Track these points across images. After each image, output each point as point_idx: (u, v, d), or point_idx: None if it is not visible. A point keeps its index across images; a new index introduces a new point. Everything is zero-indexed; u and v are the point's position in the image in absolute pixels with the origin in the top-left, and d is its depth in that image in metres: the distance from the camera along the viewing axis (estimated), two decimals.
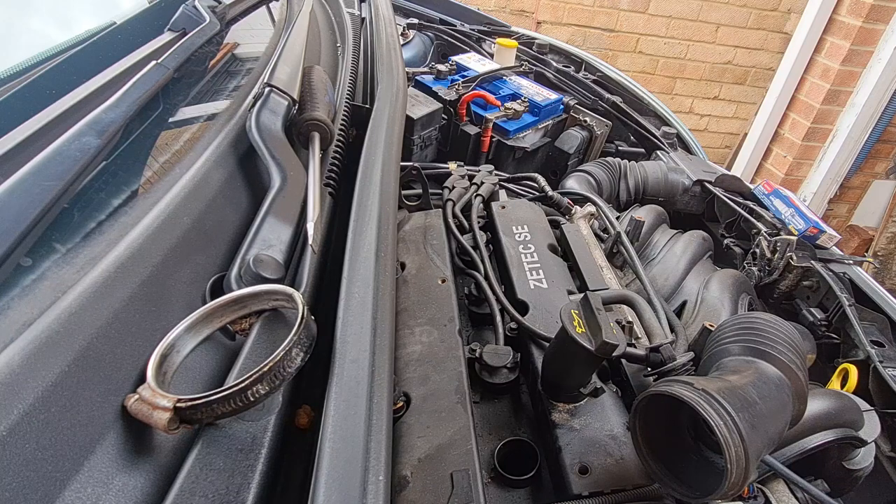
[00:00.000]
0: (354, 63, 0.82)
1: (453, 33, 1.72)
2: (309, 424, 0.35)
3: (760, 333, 0.63)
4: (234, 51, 0.77)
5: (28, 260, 0.33)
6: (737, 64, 3.23)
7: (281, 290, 0.35)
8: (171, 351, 0.31)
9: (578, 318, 0.55)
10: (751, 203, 1.18)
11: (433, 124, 1.18)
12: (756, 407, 0.53)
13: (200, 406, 0.28)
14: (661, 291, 0.91)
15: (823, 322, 0.96)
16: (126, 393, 0.29)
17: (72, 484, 0.24)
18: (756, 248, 1.07)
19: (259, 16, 0.89)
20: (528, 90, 1.36)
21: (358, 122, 0.67)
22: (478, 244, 0.78)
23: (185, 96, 0.58)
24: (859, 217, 3.34)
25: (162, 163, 0.49)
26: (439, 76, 1.35)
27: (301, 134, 0.54)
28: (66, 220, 0.37)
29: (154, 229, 0.36)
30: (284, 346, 0.29)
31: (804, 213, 1.08)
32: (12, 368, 0.24)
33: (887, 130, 2.97)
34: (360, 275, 0.37)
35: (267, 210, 0.43)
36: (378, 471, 0.25)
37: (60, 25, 0.60)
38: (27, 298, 0.28)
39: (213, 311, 0.34)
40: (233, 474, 0.28)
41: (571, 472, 0.50)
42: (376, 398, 0.29)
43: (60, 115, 0.43)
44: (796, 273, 1.00)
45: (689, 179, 1.25)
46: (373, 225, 0.42)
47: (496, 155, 1.25)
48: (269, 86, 0.54)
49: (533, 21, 3.12)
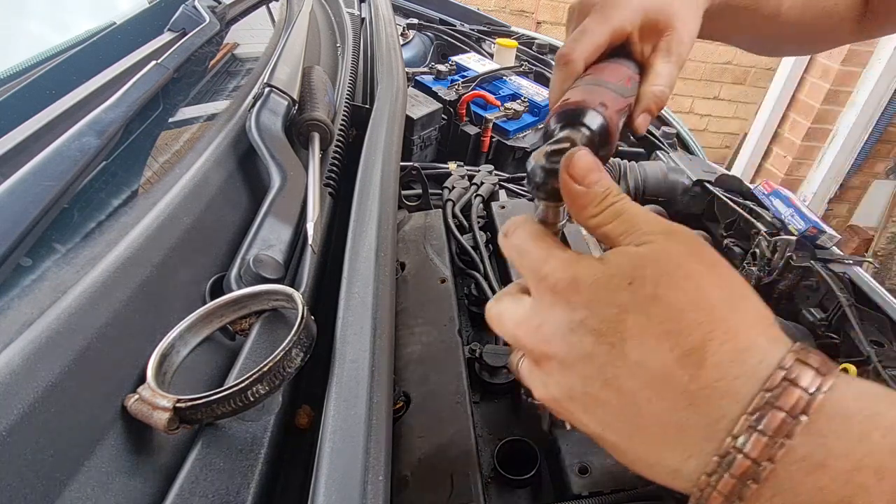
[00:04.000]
0: (354, 63, 0.82)
1: (453, 33, 1.72)
2: (309, 424, 0.35)
3: None
4: (234, 51, 0.77)
5: (28, 260, 0.33)
6: (737, 64, 3.23)
7: (281, 290, 0.35)
8: (171, 351, 0.31)
9: None
10: (751, 203, 1.18)
11: (433, 124, 1.18)
12: None
13: (200, 406, 0.28)
14: None
15: (823, 322, 0.96)
16: (126, 393, 0.29)
17: (71, 484, 0.24)
18: (756, 248, 1.07)
19: (259, 16, 0.89)
20: (528, 90, 1.36)
21: (358, 122, 0.67)
22: (478, 244, 0.78)
23: (185, 96, 0.58)
24: (859, 217, 3.34)
25: (162, 163, 0.49)
26: (439, 76, 1.35)
27: (301, 134, 0.54)
28: (66, 220, 0.37)
29: (154, 229, 0.36)
30: (284, 346, 0.29)
31: (804, 213, 1.08)
32: (12, 368, 0.24)
33: (887, 130, 2.97)
34: (360, 275, 0.38)
35: (267, 210, 0.43)
36: (378, 471, 0.25)
37: (57, 29, 0.60)
38: (27, 298, 0.28)
39: (212, 311, 0.34)
40: (233, 474, 0.28)
41: (571, 472, 0.50)
42: (376, 398, 0.29)
43: (60, 115, 0.43)
44: (796, 273, 1.00)
45: (689, 179, 1.25)
46: (373, 225, 0.42)
47: (496, 155, 1.25)
48: (268, 86, 0.54)
49: (533, 21, 3.12)
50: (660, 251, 0.27)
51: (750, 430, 0.22)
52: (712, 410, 0.23)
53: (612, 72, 0.40)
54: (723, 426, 0.23)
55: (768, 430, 0.22)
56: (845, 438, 0.22)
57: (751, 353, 0.24)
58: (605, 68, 0.40)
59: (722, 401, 0.23)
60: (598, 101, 0.34)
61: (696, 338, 0.24)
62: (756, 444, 0.22)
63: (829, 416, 0.22)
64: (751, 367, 0.24)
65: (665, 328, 0.25)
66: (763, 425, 0.22)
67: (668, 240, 0.27)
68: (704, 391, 0.24)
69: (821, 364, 0.24)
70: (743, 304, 0.26)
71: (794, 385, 0.23)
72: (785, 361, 0.24)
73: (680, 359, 0.24)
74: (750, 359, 0.24)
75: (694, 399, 0.24)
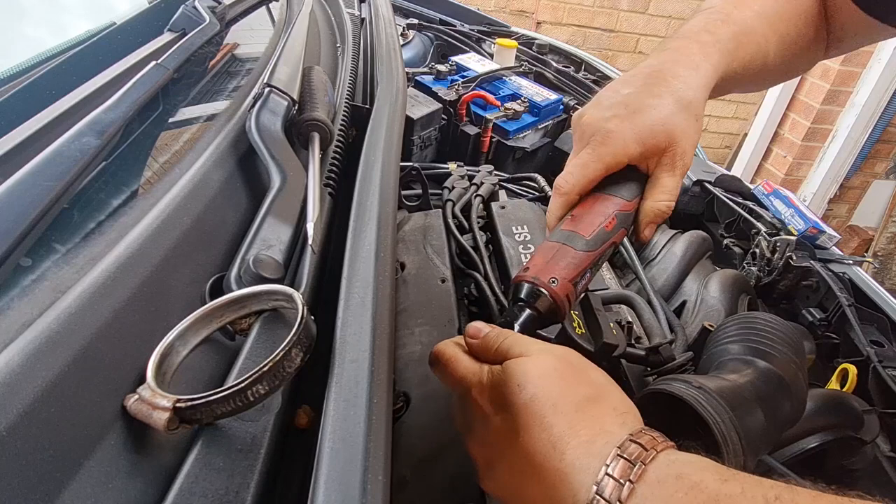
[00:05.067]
0: (354, 63, 0.82)
1: (453, 33, 1.72)
2: (309, 424, 0.35)
3: (760, 333, 0.63)
4: (234, 51, 0.77)
5: (28, 260, 0.33)
6: None
7: (281, 290, 0.35)
8: (171, 351, 0.31)
9: (578, 318, 0.55)
10: (750, 203, 1.18)
11: (433, 124, 1.18)
12: (754, 406, 0.53)
13: (200, 406, 0.28)
14: (661, 291, 0.91)
15: (823, 322, 0.96)
16: (126, 393, 0.29)
17: (71, 484, 0.24)
18: (756, 248, 1.07)
19: (259, 16, 0.89)
20: (528, 90, 1.36)
21: (358, 123, 0.67)
22: (478, 244, 0.78)
23: (184, 97, 0.58)
24: (859, 217, 3.34)
25: (162, 163, 0.49)
26: (439, 76, 1.35)
27: (301, 134, 0.54)
28: (66, 220, 0.37)
29: (154, 229, 0.36)
30: (284, 346, 0.29)
31: (804, 213, 1.08)
32: (12, 368, 0.24)
33: (887, 130, 2.97)
34: (360, 275, 0.38)
35: (267, 210, 0.43)
36: (378, 471, 0.25)
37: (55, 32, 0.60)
38: (27, 298, 0.28)
39: (212, 311, 0.34)
40: (232, 474, 0.28)
41: None
42: (376, 398, 0.29)
43: (60, 116, 0.43)
44: (796, 273, 1.00)
45: (688, 179, 1.25)
46: (373, 225, 0.42)
47: (496, 155, 1.25)
48: (268, 86, 0.54)
49: (533, 21, 3.12)
50: (541, 364, 0.36)
51: (597, 496, 0.30)
52: (574, 483, 0.31)
53: (599, 212, 0.46)
54: (582, 496, 0.31)
55: (608, 496, 0.30)
56: (658, 498, 0.29)
57: (601, 436, 0.33)
58: (594, 204, 0.46)
59: (580, 475, 0.31)
60: (550, 277, 0.42)
61: (562, 430, 0.33)
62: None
63: (646, 482, 0.30)
64: (598, 448, 0.32)
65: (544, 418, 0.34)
66: (606, 493, 0.30)
67: (544, 353, 0.37)
68: (568, 468, 0.32)
69: (647, 441, 0.32)
70: (606, 397, 0.36)
71: (624, 459, 0.31)
72: (623, 443, 0.32)
73: (553, 441, 0.33)
74: (599, 440, 0.32)
75: (563, 475, 0.32)
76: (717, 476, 0.29)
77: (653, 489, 0.29)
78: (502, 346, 0.39)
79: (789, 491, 0.28)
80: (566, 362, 0.37)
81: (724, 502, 0.27)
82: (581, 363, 0.38)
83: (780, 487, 0.28)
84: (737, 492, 0.28)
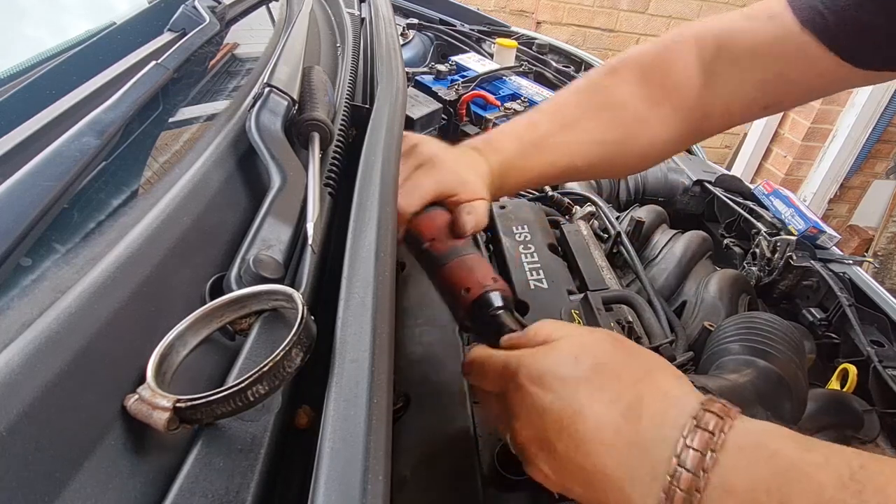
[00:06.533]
0: (354, 63, 0.82)
1: (453, 33, 1.72)
2: (309, 424, 0.35)
3: (760, 333, 0.63)
4: (234, 51, 0.77)
5: (28, 260, 0.33)
6: None
7: (281, 290, 0.35)
8: (171, 351, 0.31)
9: (579, 318, 0.55)
10: (751, 203, 1.18)
11: (433, 124, 1.18)
12: (755, 406, 0.53)
13: (200, 406, 0.28)
14: (661, 292, 0.91)
15: (823, 322, 0.96)
16: (126, 393, 0.29)
17: (71, 484, 0.24)
18: (756, 248, 1.07)
19: (259, 16, 0.89)
20: (528, 90, 1.36)
21: (358, 122, 0.67)
22: (478, 244, 0.77)
23: (184, 97, 0.58)
24: (859, 217, 3.34)
25: (162, 163, 0.49)
26: (439, 76, 1.35)
27: (301, 134, 0.54)
28: (66, 220, 0.37)
29: (154, 229, 0.36)
30: (284, 346, 0.29)
31: (804, 213, 1.08)
32: (12, 368, 0.24)
33: (887, 130, 2.97)
34: (360, 275, 0.37)
35: (267, 210, 0.43)
36: (378, 471, 0.25)
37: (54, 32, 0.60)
38: (27, 298, 0.28)
39: (212, 311, 0.34)
40: (232, 474, 0.28)
41: None
42: (376, 398, 0.29)
43: (60, 116, 0.43)
44: (796, 273, 1.00)
45: (689, 179, 1.25)
46: (373, 225, 0.42)
47: None
48: (268, 86, 0.54)
49: (533, 21, 3.12)
50: (592, 337, 0.37)
51: (678, 468, 0.29)
52: (653, 455, 0.30)
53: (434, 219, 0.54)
54: (662, 469, 0.30)
55: (691, 467, 0.29)
56: (742, 468, 0.28)
57: (672, 406, 0.32)
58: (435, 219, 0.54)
59: (657, 448, 0.31)
60: (488, 280, 0.47)
61: (631, 400, 0.32)
62: (685, 479, 0.29)
63: (728, 452, 0.29)
64: (671, 418, 0.31)
65: (609, 389, 0.33)
66: (688, 464, 0.29)
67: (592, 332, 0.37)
68: (644, 441, 0.31)
69: (720, 409, 0.31)
70: (663, 367, 0.35)
71: (702, 429, 0.30)
72: (698, 413, 0.31)
73: (624, 413, 0.32)
74: (671, 410, 0.32)
75: (639, 447, 0.31)
76: (795, 444, 0.29)
77: (735, 459, 0.29)
78: (542, 331, 0.39)
79: (874, 460, 0.27)
80: (613, 336, 0.37)
81: (807, 470, 0.27)
82: (624, 337, 0.39)
83: (864, 457, 0.27)
84: (820, 461, 0.28)
